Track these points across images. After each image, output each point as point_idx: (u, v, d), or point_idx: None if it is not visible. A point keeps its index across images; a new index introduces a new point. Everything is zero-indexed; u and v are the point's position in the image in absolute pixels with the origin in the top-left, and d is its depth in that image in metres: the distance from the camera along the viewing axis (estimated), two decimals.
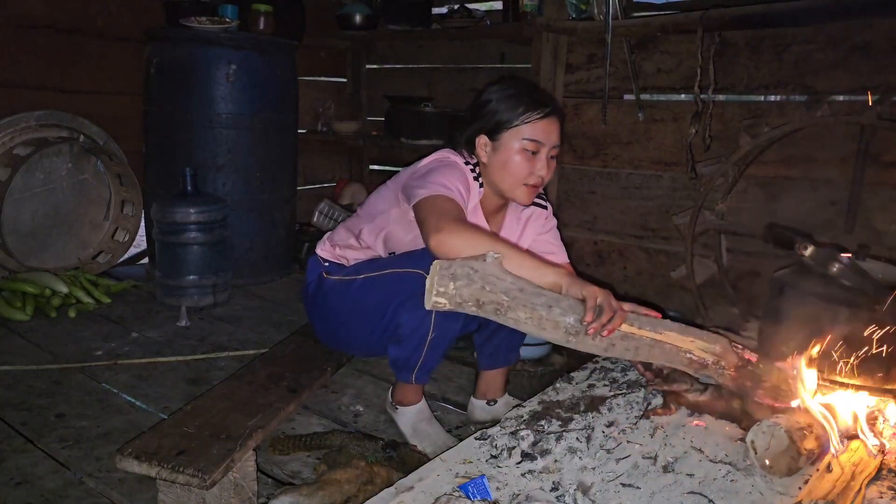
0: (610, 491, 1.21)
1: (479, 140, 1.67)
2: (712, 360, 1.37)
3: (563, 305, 1.28)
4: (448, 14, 3.36)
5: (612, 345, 1.32)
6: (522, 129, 1.61)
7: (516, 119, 1.61)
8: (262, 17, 3.04)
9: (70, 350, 2.29)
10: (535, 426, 1.41)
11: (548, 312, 1.26)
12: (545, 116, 1.62)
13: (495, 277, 1.25)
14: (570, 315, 1.27)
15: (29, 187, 2.84)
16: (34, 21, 2.90)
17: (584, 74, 2.76)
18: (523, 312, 1.26)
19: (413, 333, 1.62)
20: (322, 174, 4.07)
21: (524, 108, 1.61)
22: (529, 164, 1.62)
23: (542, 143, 1.62)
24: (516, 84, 1.71)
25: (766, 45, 2.34)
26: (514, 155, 1.62)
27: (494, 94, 1.66)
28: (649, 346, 1.35)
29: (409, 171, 1.72)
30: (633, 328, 1.32)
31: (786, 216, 2.33)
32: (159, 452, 1.30)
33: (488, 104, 1.66)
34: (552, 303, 1.27)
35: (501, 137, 1.63)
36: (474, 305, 1.25)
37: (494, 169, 1.66)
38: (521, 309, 1.26)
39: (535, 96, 1.66)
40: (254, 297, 2.96)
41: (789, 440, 1.23)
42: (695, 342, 1.37)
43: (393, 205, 1.71)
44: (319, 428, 1.84)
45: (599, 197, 2.81)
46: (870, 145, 2.13)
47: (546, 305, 1.26)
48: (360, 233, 1.80)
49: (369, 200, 1.84)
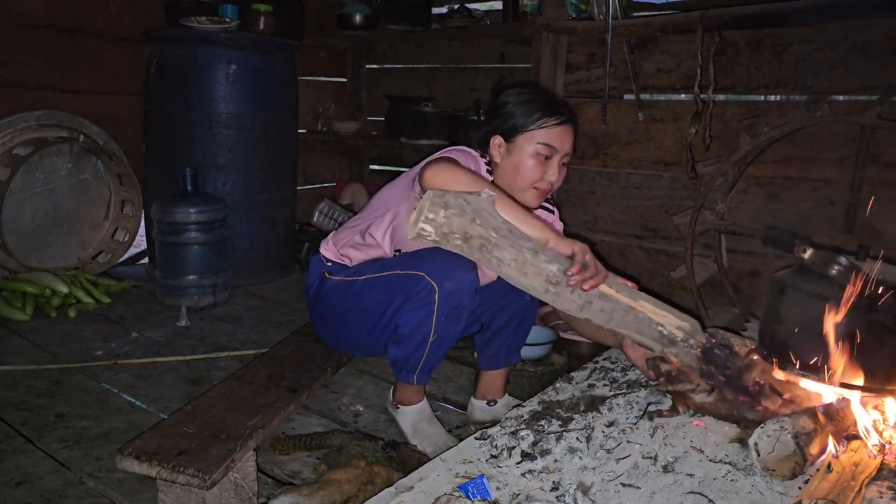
0: (610, 491, 1.21)
1: (494, 140, 1.69)
2: (681, 337, 1.40)
3: (549, 254, 1.30)
4: (448, 14, 3.37)
5: (588, 302, 1.34)
6: (537, 134, 1.63)
7: (532, 123, 1.63)
8: (262, 17, 3.05)
9: (70, 350, 2.29)
10: (535, 426, 1.41)
11: (533, 257, 1.27)
12: (561, 124, 1.64)
13: (487, 213, 1.25)
14: (554, 264, 1.28)
15: (29, 187, 2.84)
16: (34, 21, 2.90)
17: (584, 74, 2.76)
18: (508, 253, 1.26)
19: (413, 334, 1.63)
20: (322, 174, 4.07)
21: (541, 113, 1.63)
22: (541, 169, 1.64)
23: (555, 149, 1.64)
24: (535, 90, 1.74)
25: (766, 45, 2.34)
26: (527, 158, 1.64)
27: (513, 98, 1.68)
28: (624, 312, 1.37)
29: (421, 164, 1.72)
30: (612, 290, 1.35)
31: (786, 216, 2.34)
32: (159, 452, 1.30)
33: (506, 106, 1.68)
34: (539, 249, 1.29)
35: (516, 140, 1.65)
36: (461, 238, 1.24)
37: (506, 170, 1.68)
38: (507, 249, 1.26)
39: (553, 103, 1.68)
40: (254, 297, 2.96)
41: (795, 446, 1.22)
42: (667, 317, 1.41)
43: (403, 199, 1.71)
44: (319, 428, 1.84)
45: (599, 197, 2.81)
46: (870, 145, 2.13)
47: (532, 250, 1.27)
48: (368, 227, 1.80)
49: (378, 197, 1.85)
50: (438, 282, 1.57)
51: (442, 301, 1.57)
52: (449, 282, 1.57)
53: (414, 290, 1.59)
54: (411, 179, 1.68)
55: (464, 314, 1.63)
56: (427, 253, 1.60)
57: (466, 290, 1.59)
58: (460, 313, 1.62)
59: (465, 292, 1.59)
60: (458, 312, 1.61)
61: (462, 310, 1.61)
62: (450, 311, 1.59)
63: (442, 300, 1.57)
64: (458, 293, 1.58)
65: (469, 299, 1.61)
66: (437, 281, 1.57)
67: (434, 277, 1.57)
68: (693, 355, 1.43)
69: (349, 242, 1.83)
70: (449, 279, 1.57)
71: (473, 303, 1.63)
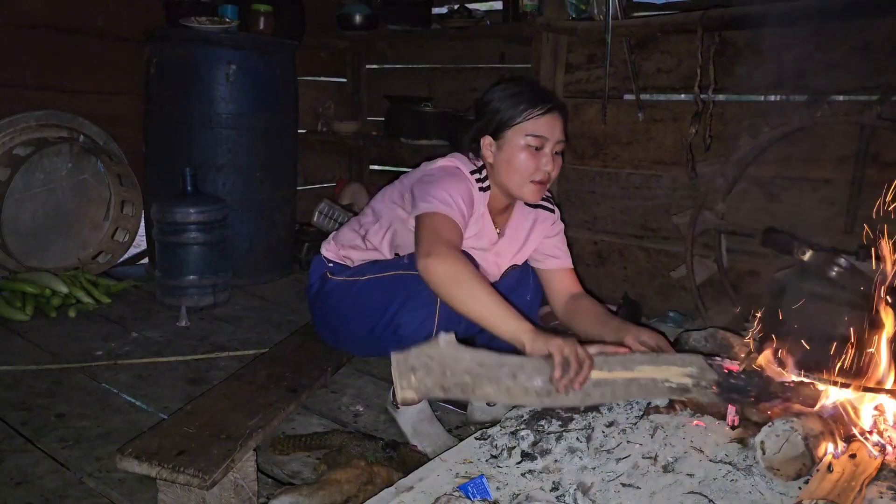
0: (610, 491, 1.21)
1: (484, 141, 1.69)
2: (692, 383, 1.36)
3: (527, 370, 1.26)
4: (448, 14, 3.36)
5: (587, 395, 1.32)
6: (525, 126, 1.62)
7: (518, 116, 1.62)
8: (262, 17, 3.04)
9: (70, 350, 2.29)
10: (535, 426, 1.41)
11: (513, 382, 1.25)
12: (547, 112, 1.63)
13: (453, 360, 1.23)
14: (536, 378, 1.25)
15: (29, 187, 2.84)
16: (34, 21, 2.90)
17: (583, 74, 2.76)
18: (490, 387, 1.25)
19: (415, 335, 1.62)
20: (322, 174, 4.07)
21: (525, 104, 1.63)
22: (534, 160, 1.64)
23: (545, 139, 1.63)
24: (517, 83, 1.72)
25: (766, 45, 2.34)
26: (519, 152, 1.63)
27: (496, 94, 1.68)
28: (625, 385, 1.34)
29: (417, 173, 1.72)
30: (604, 373, 1.30)
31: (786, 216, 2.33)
32: (159, 452, 1.30)
33: (490, 104, 1.67)
34: (516, 370, 1.25)
35: (505, 136, 1.64)
36: (440, 391, 1.24)
37: (500, 168, 1.67)
38: (486, 385, 1.25)
39: (536, 93, 1.67)
40: (254, 297, 2.96)
41: (805, 447, 1.22)
42: (670, 369, 1.36)
43: (399, 205, 1.72)
44: (319, 428, 1.84)
45: (599, 197, 2.80)
46: (870, 145, 2.13)
47: (510, 375, 1.24)
48: (367, 234, 1.81)
49: (376, 200, 1.85)
50: None
51: (443, 302, 1.57)
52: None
53: (415, 290, 1.59)
54: (405, 191, 1.68)
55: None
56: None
57: None
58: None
59: None
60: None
61: None
62: (451, 311, 1.59)
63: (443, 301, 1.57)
64: None
65: None
66: None
67: None
68: (711, 394, 1.39)
69: (350, 244, 1.83)
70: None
71: None
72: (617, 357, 1.35)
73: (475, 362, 1.23)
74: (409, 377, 1.23)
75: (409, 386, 1.24)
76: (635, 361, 1.35)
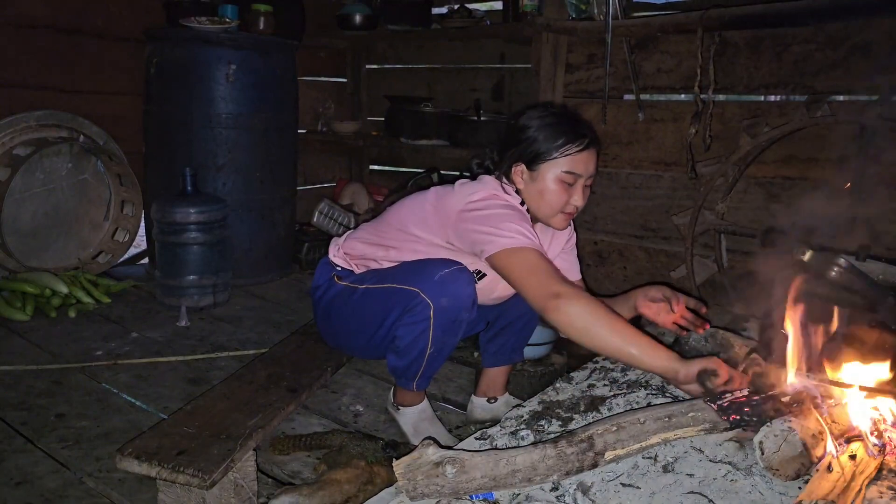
0: (610, 491, 1.21)
1: (516, 168, 1.64)
2: (708, 427, 1.31)
3: (540, 471, 1.19)
4: (448, 14, 3.37)
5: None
6: (561, 162, 1.58)
7: (555, 151, 1.58)
8: (262, 17, 3.05)
9: (70, 350, 2.29)
10: (535, 426, 1.41)
11: (528, 485, 1.22)
12: (584, 149, 1.59)
13: (464, 483, 1.16)
14: (552, 475, 1.20)
15: (29, 187, 2.84)
16: (34, 21, 2.90)
17: (584, 74, 2.76)
18: (506, 490, 1.21)
19: (410, 347, 1.63)
20: (322, 174, 4.07)
21: (564, 140, 1.58)
22: (566, 195, 1.60)
23: (579, 175, 1.60)
24: (556, 113, 1.66)
25: (766, 45, 2.34)
26: (551, 184, 1.60)
27: (534, 122, 1.62)
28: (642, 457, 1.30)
29: (453, 201, 1.60)
30: (618, 451, 1.25)
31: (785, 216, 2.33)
32: (159, 452, 1.30)
33: (527, 131, 1.62)
34: (530, 475, 1.19)
35: (539, 168, 1.60)
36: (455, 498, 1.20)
37: (531, 196, 1.63)
38: (504, 489, 1.21)
39: (575, 128, 1.61)
40: (254, 297, 2.96)
41: (803, 447, 1.22)
42: (684, 431, 1.31)
43: (432, 234, 1.64)
44: (319, 428, 1.84)
45: (599, 197, 2.81)
46: (870, 145, 2.13)
47: (525, 479, 1.18)
48: (389, 253, 1.72)
49: (400, 222, 1.71)
50: (434, 298, 1.55)
51: (438, 316, 1.56)
52: (445, 297, 1.55)
53: (410, 305, 1.58)
54: (446, 224, 1.59)
55: (461, 327, 1.62)
56: (425, 266, 1.59)
57: (463, 305, 1.58)
58: (458, 327, 1.61)
59: (461, 307, 1.58)
60: (455, 326, 1.61)
61: (459, 323, 1.61)
62: (447, 325, 1.59)
63: (438, 316, 1.56)
64: (455, 309, 1.57)
65: (466, 314, 1.60)
66: (433, 297, 1.55)
67: (429, 294, 1.55)
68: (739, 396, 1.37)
69: (370, 256, 1.76)
70: (445, 295, 1.55)
71: (472, 315, 1.63)
72: (627, 430, 1.28)
73: (487, 476, 1.19)
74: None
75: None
76: (647, 432, 1.29)
